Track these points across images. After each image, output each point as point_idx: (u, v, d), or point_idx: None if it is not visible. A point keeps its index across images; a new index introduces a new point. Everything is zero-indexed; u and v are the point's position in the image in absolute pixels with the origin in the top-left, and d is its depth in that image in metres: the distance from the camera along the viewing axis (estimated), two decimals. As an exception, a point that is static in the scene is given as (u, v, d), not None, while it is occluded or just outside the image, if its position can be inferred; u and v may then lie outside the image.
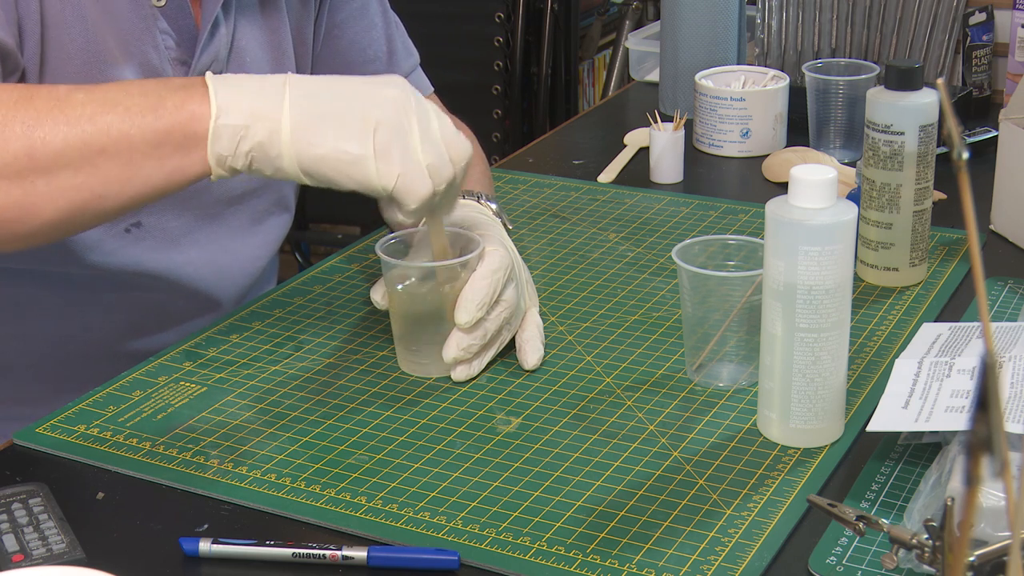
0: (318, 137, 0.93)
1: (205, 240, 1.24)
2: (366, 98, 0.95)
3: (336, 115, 0.94)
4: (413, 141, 0.95)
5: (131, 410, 1.05)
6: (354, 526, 0.90)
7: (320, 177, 0.95)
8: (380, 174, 0.94)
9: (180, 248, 1.22)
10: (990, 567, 0.75)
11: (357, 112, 0.94)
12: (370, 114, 0.94)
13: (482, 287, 1.06)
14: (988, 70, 1.75)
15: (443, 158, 0.96)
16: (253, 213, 1.29)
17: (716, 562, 0.85)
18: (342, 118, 0.94)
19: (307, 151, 0.93)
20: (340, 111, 0.94)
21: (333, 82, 0.97)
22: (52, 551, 0.87)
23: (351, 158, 0.94)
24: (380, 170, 0.94)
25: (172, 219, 1.21)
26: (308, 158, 0.94)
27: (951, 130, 0.44)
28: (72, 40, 1.09)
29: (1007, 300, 1.20)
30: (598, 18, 3.09)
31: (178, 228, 1.22)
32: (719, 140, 1.63)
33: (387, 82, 0.97)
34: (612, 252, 1.34)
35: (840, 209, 0.93)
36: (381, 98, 0.95)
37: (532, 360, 1.09)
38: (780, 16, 1.81)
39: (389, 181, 0.94)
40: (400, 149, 0.94)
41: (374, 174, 0.94)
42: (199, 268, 1.24)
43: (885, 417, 0.94)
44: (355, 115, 0.94)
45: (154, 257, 1.20)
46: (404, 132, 0.95)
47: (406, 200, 0.95)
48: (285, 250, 2.56)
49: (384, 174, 0.94)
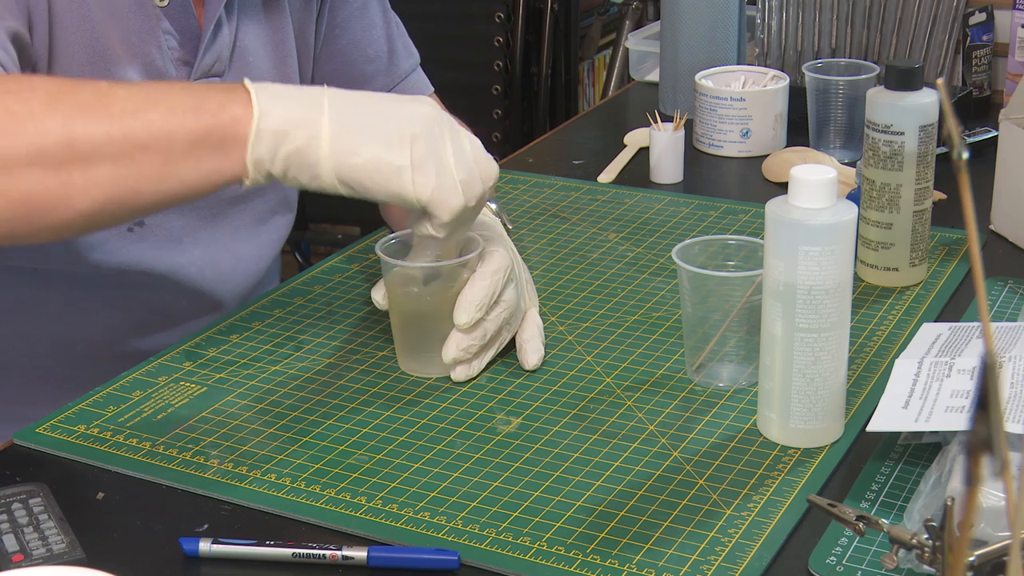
0: (358, 146, 0.94)
1: (208, 240, 1.24)
2: (402, 112, 0.97)
3: (375, 125, 0.95)
4: (447, 157, 0.97)
5: (131, 410, 1.05)
6: (354, 526, 0.90)
7: (356, 186, 0.96)
8: (416, 186, 0.95)
9: (183, 248, 1.22)
10: (990, 567, 0.75)
11: (395, 124, 0.96)
12: (406, 127, 0.96)
13: (482, 288, 1.06)
14: (988, 70, 1.75)
15: (474, 175, 0.98)
16: (257, 213, 1.28)
17: (716, 562, 0.85)
18: (381, 129, 0.95)
19: (346, 159, 0.94)
20: (379, 122, 0.96)
21: (369, 96, 0.99)
22: (52, 551, 0.87)
23: (390, 168, 0.95)
24: (416, 182, 0.95)
25: (175, 218, 1.21)
26: (347, 167, 0.94)
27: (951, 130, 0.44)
28: (77, 38, 1.09)
29: (1007, 300, 1.20)
30: (598, 18, 3.09)
31: (181, 228, 1.22)
32: (719, 140, 1.63)
33: (420, 100, 1.00)
34: (612, 252, 1.34)
35: (840, 209, 0.93)
36: (416, 113, 0.97)
37: (532, 360, 1.09)
38: (780, 16, 1.81)
39: (424, 193, 0.96)
40: (435, 163, 0.96)
41: (410, 185, 0.95)
42: (202, 268, 1.24)
43: (885, 417, 0.94)
44: (393, 127, 0.96)
45: (157, 256, 1.20)
46: (439, 147, 0.97)
47: (439, 212, 0.97)
48: (285, 250, 2.55)
49: (420, 186, 0.96)
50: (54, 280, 1.19)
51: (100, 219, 0.93)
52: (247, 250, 1.28)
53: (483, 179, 0.99)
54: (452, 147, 0.98)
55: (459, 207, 0.97)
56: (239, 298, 1.29)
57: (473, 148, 0.99)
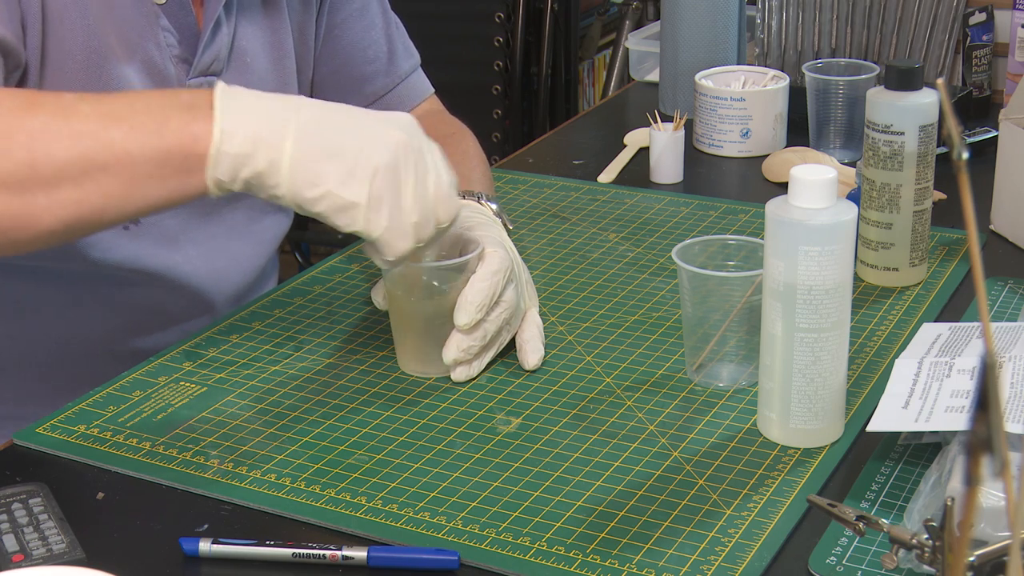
0: (316, 177, 0.93)
1: (202, 238, 1.24)
2: (370, 138, 0.94)
3: (339, 155, 0.93)
4: (405, 197, 0.95)
5: (131, 410, 1.05)
6: (354, 526, 0.90)
7: (312, 213, 0.95)
8: (368, 222, 0.94)
9: (177, 246, 1.22)
10: (990, 567, 0.75)
11: (360, 153, 0.93)
12: (371, 159, 0.93)
13: (482, 288, 1.06)
14: (988, 70, 1.75)
15: (429, 218, 0.96)
16: (250, 212, 1.28)
17: (716, 562, 0.85)
18: (343, 158, 0.93)
19: (302, 191, 0.93)
20: (343, 149, 0.93)
21: (343, 114, 0.96)
22: (52, 551, 0.87)
23: (344, 204, 0.93)
24: (369, 219, 0.94)
25: (169, 216, 1.21)
26: (303, 198, 0.93)
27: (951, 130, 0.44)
28: (74, 36, 1.09)
29: (1007, 300, 1.20)
30: (598, 18, 3.09)
31: (176, 226, 1.22)
32: (719, 140, 1.63)
33: (397, 123, 0.96)
34: (612, 252, 1.34)
35: (840, 209, 0.93)
36: (385, 140, 0.94)
37: (532, 360, 1.09)
38: (780, 16, 1.81)
39: (375, 231, 0.95)
40: (390, 203, 0.94)
41: (362, 221, 0.94)
42: (196, 267, 1.24)
43: (885, 417, 0.94)
44: (355, 158, 0.93)
45: (152, 254, 1.21)
46: (398, 184, 0.94)
47: (385, 251, 0.96)
48: (285, 250, 2.57)
49: (372, 223, 0.94)
50: (52, 280, 1.19)
51: (65, 236, 0.94)
52: (241, 249, 1.28)
53: (439, 220, 0.97)
54: (414, 183, 0.95)
55: (405, 250, 0.96)
56: (234, 297, 1.29)
57: (437, 185, 0.97)
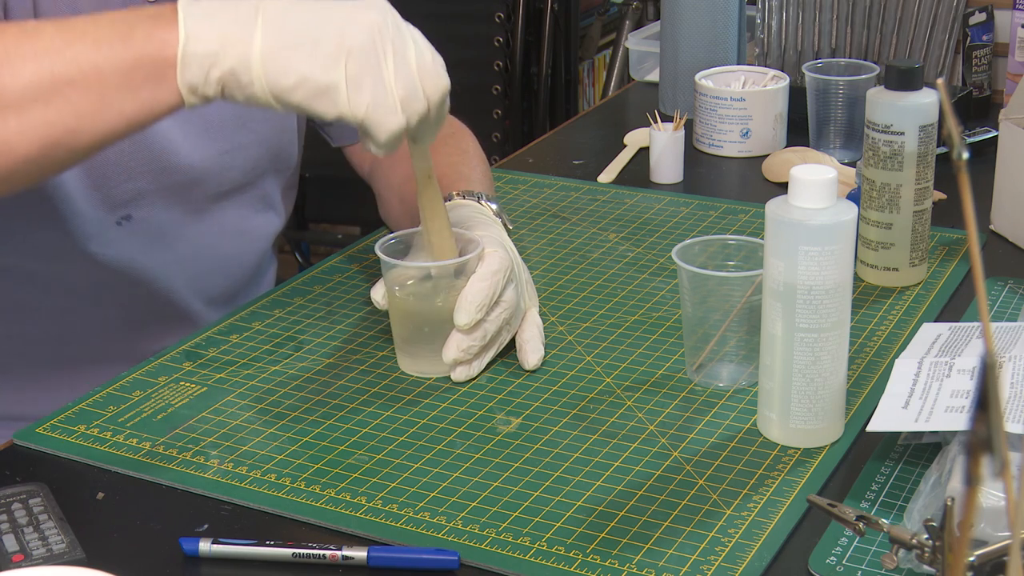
0: (288, 66, 0.91)
1: (192, 236, 1.24)
2: (341, 22, 0.92)
3: (308, 42, 0.91)
4: (387, 71, 0.93)
5: (131, 410, 1.05)
6: (354, 526, 0.90)
7: (292, 106, 0.93)
8: (351, 103, 0.92)
9: (168, 244, 1.22)
10: (990, 567, 0.75)
11: (331, 38, 0.91)
12: (343, 41, 0.91)
13: (481, 289, 1.06)
14: (988, 70, 1.75)
15: (416, 91, 0.94)
16: (239, 211, 1.28)
17: (716, 562, 0.85)
18: (314, 45, 0.91)
19: (277, 81, 0.91)
20: (313, 37, 0.91)
21: (309, 5, 0.94)
22: (52, 551, 0.87)
23: (321, 87, 0.91)
24: (351, 99, 0.92)
25: (161, 212, 1.21)
26: (279, 88, 0.91)
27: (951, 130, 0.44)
28: None
29: (1007, 300, 1.20)
30: (598, 18, 3.09)
31: (167, 223, 1.22)
32: (719, 140, 1.63)
33: (368, 4, 0.94)
34: (612, 252, 1.34)
35: (840, 209, 0.93)
36: (357, 22, 0.92)
37: (533, 360, 1.09)
38: (780, 16, 1.81)
39: (359, 111, 0.92)
40: (372, 79, 0.92)
41: (345, 103, 0.92)
42: (187, 265, 1.24)
43: (885, 417, 0.94)
44: (328, 41, 0.91)
45: (145, 252, 1.21)
46: (377, 61, 0.92)
47: (376, 132, 0.94)
48: (285, 250, 2.57)
49: (355, 104, 0.92)
50: (47, 281, 1.19)
51: (43, 162, 0.91)
52: (232, 248, 1.28)
53: (428, 94, 0.95)
54: (393, 60, 0.93)
55: (396, 127, 0.93)
56: (226, 296, 1.29)
57: (419, 59, 0.94)
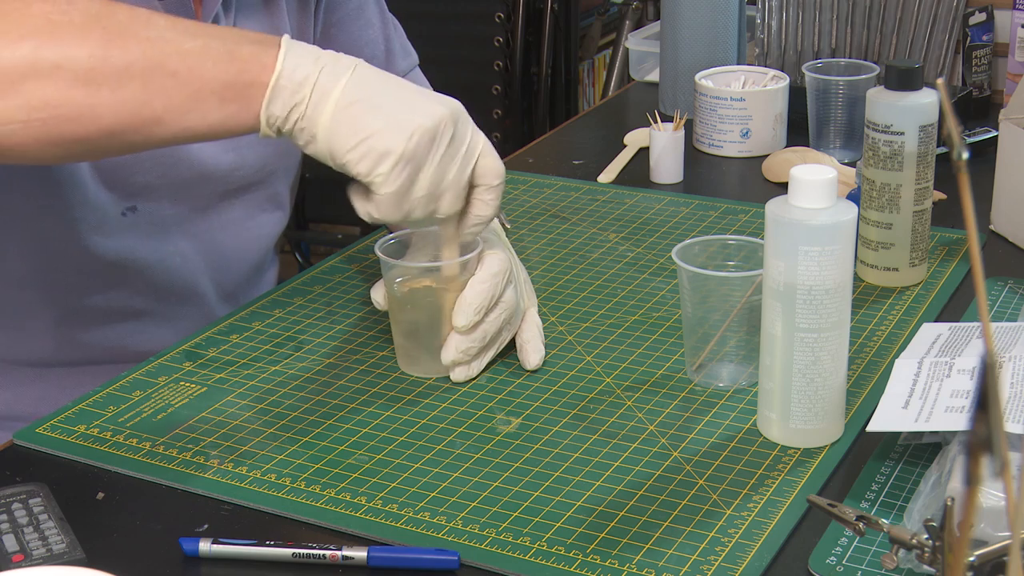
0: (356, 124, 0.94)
1: (196, 231, 1.24)
2: (417, 105, 0.96)
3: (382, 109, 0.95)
4: (426, 170, 0.96)
5: (131, 410, 1.05)
6: (354, 526, 0.90)
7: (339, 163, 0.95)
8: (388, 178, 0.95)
9: (170, 238, 1.22)
10: (990, 567, 0.75)
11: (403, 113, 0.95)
12: (414, 119, 0.95)
13: (481, 290, 1.06)
14: (988, 70, 1.75)
15: (429, 202, 0.97)
16: (246, 209, 1.28)
17: (716, 562, 0.85)
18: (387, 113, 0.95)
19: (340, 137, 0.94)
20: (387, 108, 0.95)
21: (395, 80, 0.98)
22: (52, 551, 0.87)
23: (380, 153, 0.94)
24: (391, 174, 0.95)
25: (167, 207, 1.21)
26: (339, 144, 0.94)
27: (951, 130, 0.44)
28: None
29: (1007, 300, 1.20)
30: (598, 18, 3.09)
31: (172, 217, 1.22)
32: (719, 140, 1.63)
33: (446, 101, 0.98)
34: (612, 252, 1.34)
35: (840, 209, 0.93)
36: (431, 111, 0.96)
37: (533, 360, 1.09)
38: (780, 16, 1.81)
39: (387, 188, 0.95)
40: (413, 168, 0.95)
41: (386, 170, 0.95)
42: (187, 260, 1.24)
43: (885, 417, 0.94)
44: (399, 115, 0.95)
45: (147, 244, 1.21)
46: (424, 156, 0.95)
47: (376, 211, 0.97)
48: (285, 250, 2.57)
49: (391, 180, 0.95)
50: (47, 282, 1.19)
51: (118, 139, 0.93)
52: (235, 245, 1.28)
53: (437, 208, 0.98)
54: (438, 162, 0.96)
55: (394, 220, 0.97)
56: (226, 294, 1.29)
57: (457, 175, 0.97)
